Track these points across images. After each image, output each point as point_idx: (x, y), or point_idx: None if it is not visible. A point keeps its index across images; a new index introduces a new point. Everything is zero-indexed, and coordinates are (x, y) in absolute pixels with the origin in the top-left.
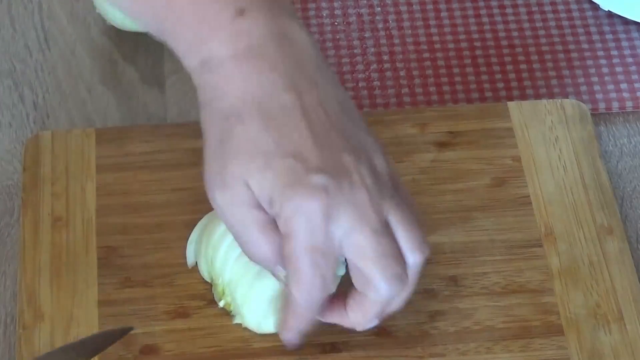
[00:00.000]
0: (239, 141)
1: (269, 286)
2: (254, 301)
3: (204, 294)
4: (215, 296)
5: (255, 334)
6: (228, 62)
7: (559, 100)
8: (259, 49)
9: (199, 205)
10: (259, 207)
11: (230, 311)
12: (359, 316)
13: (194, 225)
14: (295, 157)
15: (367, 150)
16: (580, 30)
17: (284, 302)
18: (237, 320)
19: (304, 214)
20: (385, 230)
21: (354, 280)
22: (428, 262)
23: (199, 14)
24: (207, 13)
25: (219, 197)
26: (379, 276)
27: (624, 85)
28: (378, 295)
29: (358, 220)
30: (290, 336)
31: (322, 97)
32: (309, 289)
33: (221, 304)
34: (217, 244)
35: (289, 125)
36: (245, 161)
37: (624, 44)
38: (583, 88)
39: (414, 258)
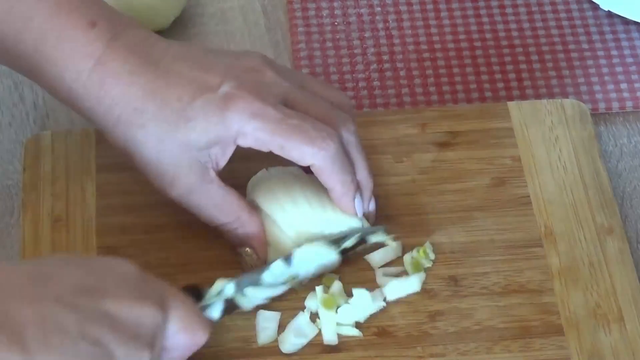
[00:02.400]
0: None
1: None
2: None
3: None
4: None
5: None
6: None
7: (559, 100)
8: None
9: None
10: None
11: None
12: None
13: (194, 224)
14: (200, 90)
15: (250, 58)
16: (580, 30)
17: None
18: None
19: (242, 114)
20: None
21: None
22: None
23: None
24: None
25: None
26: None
27: (624, 85)
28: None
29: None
30: (354, 207)
31: (181, 50)
32: (319, 147)
33: None
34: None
35: (174, 80)
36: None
37: (624, 44)
38: (583, 88)
39: (345, 99)
